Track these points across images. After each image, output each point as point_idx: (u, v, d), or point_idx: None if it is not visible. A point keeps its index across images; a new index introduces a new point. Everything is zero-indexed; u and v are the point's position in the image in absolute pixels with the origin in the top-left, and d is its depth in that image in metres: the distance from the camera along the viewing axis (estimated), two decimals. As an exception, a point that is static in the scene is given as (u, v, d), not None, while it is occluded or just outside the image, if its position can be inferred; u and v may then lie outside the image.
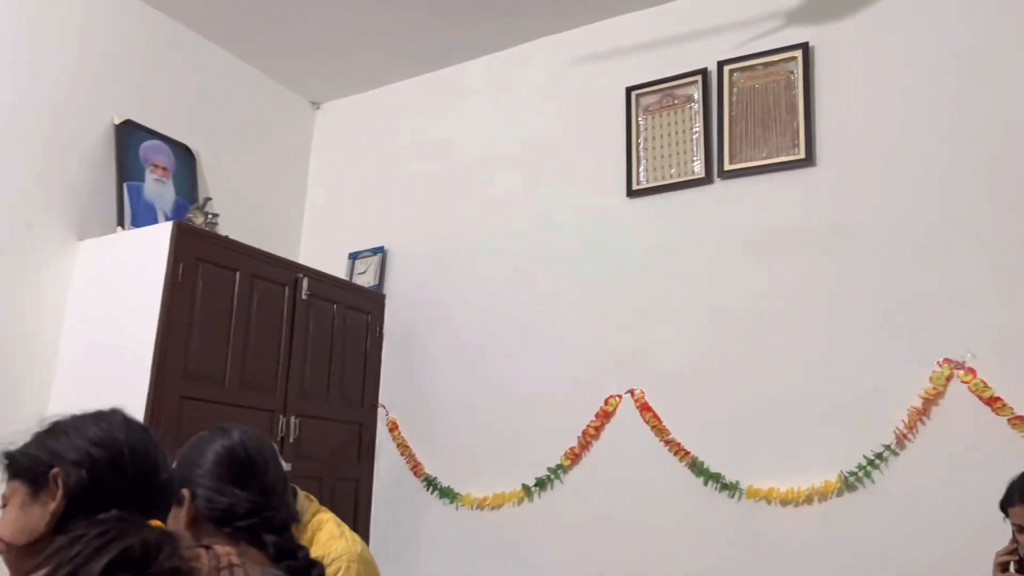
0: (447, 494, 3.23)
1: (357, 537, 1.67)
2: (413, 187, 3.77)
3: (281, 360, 3.09)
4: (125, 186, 3.10)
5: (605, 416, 3.00)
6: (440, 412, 3.38)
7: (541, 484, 3.05)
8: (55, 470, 1.03)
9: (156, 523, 0.95)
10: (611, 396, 3.00)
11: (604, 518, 2.92)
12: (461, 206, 3.59)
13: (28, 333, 2.85)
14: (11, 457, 1.09)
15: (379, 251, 3.73)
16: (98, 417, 1.11)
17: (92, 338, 2.88)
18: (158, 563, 0.90)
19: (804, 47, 2.94)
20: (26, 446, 1.10)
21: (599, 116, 3.34)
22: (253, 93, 3.86)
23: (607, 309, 3.10)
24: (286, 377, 3.10)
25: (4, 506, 1.06)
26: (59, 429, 1.10)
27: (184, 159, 3.40)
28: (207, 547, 1.05)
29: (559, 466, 3.03)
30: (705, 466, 2.78)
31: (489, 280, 3.41)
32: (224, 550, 1.05)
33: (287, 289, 3.16)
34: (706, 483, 2.77)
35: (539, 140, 3.48)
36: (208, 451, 1.38)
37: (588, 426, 3.01)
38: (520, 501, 3.08)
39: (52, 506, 1.00)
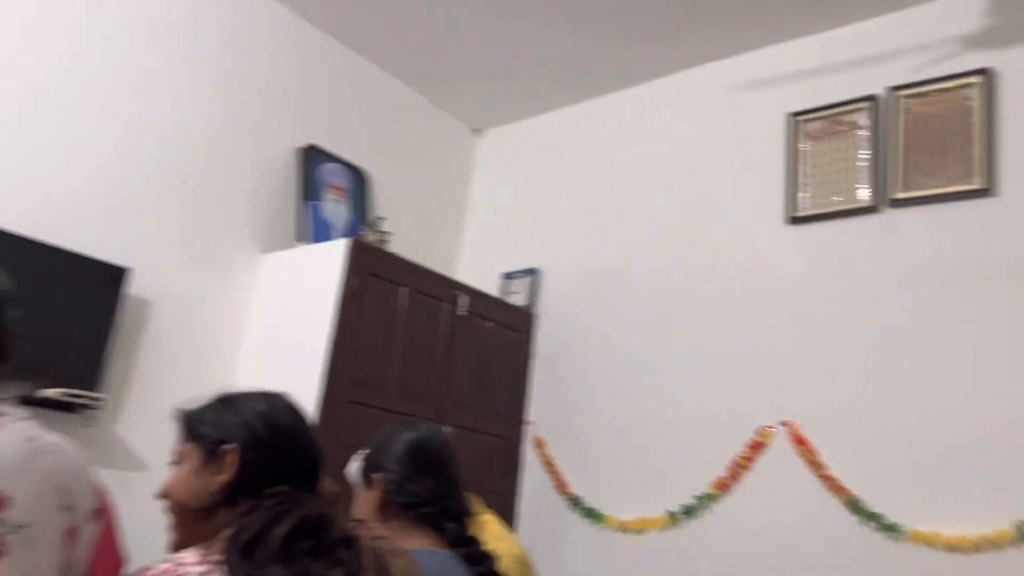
0: (591, 515, 3.26)
1: (517, 540, 1.74)
2: (569, 211, 3.86)
3: (438, 372, 3.24)
4: (307, 205, 3.37)
5: (757, 447, 2.94)
6: (587, 432, 3.43)
7: (687, 512, 3.03)
8: (230, 446, 1.10)
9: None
10: (764, 427, 2.94)
11: (751, 552, 2.85)
12: (616, 230, 3.65)
13: (216, 337, 3.15)
14: (190, 421, 1.17)
15: (533, 272, 3.84)
16: (268, 397, 1.20)
17: (271, 343, 3.14)
18: (332, 531, 0.99)
19: (985, 72, 2.80)
20: (203, 413, 1.17)
21: (760, 142, 3.31)
22: (420, 120, 4.10)
23: (763, 336, 3.06)
24: (443, 388, 3.24)
25: (178, 463, 1.14)
26: (234, 403, 1.18)
27: (358, 180, 3.66)
28: (359, 521, 1.15)
29: (707, 495, 3.00)
30: (863, 505, 2.67)
31: (642, 304, 3.44)
32: (371, 525, 1.14)
33: (446, 305, 3.32)
34: (864, 523, 2.66)
35: (696, 166, 3.49)
36: (398, 441, 1.49)
37: (739, 456, 2.96)
38: (665, 527, 3.06)
39: (222, 477, 1.07)
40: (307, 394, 2.85)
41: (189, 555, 0.96)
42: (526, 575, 1.69)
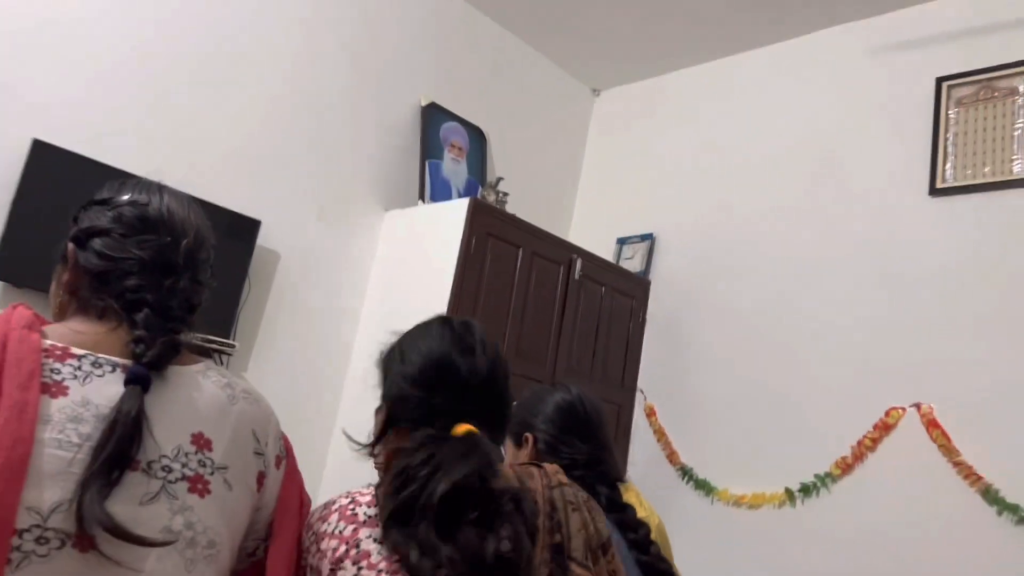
0: (703, 486, 3.21)
1: (654, 510, 1.73)
2: (687, 176, 3.76)
3: (552, 334, 3.23)
4: (427, 163, 3.39)
5: (885, 428, 2.81)
6: (699, 402, 3.36)
7: (806, 490, 2.94)
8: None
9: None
10: (893, 408, 2.81)
11: (873, 536, 2.75)
12: (737, 197, 3.53)
13: (338, 290, 3.22)
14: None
15: (648, 238, 3.77)
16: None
17: (391, 297, 3.20)
18: (496, 487, 0.95)
19: None
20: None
21: (900, 108, 3.12)
22: (539, 79, 4.05)
23: (897, 313, 2.91)
24: (555, 351, 3.23)
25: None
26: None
27: (476, 140, 3.65)
28: (538, 465, 1.11)
29: (828, 474, 2.90)
30: (1000, 495, 2.52)
31: (762, 274, 3.33)
32: (553, 468, 1.11)
33: (562, 268, 3.30)
34: (1000, 513, 2.51)
35: (828, 131, 3.32)
36: (550, 401, 1.48)
37: (864, 436, 2.84)
38: (781, 504, 2.99)
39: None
40: (426, 351, 2.89)
41: (365, 491, 0.99)
42: (665, 545, 1.67)
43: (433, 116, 3.49)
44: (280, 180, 3.06)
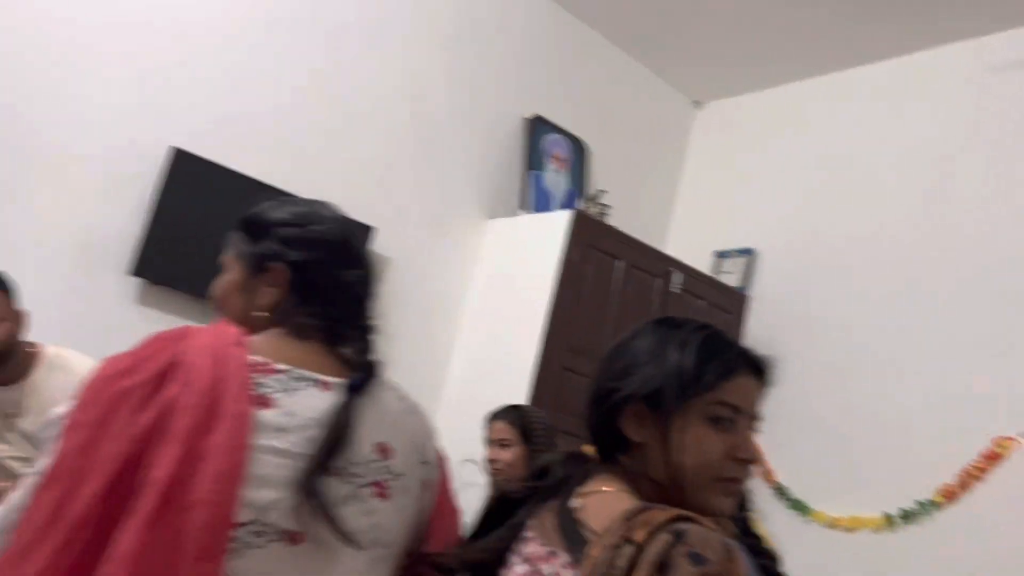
0: (798, 507, 3.17)
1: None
2: (790, 191, 3.72)
3: (648, 347, 3.25)
4: (530, 174, 3.47)
5: (993, 457, 2.73)
6: (797, 422, 3.32)
7: (906, 516, 2.87)
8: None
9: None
10: (1002, 438, 2.72)
11: (976, 569, 2.67)
12: (843, 213, 3.47)
13: (441, 296, 3.34)
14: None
15: (747, 252, 3.74)
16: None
17: (492, 305, 3.29)
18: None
19: None
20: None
21: (1018, 128, 3.02)
22: (640, 91, 4.08)
23: (1007, 339, 2.81)
24: (652, 364, 3.25)
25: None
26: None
27: (577, 151, 3.72)
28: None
29: (931, 502, 2.83)
30: (1120, 536, 2.42)
31: (867, 292, 3.27)
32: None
33: (659, 281, 3.32)
34: (1119, 556, 2.41)
35: (941, 151, 3.23)
36: None
37: (970, 465, 2.76)
38: (879, 529, 2.93)
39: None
40: (525, 357, 2.98)
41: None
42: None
43: (537, 128, 3.57)
44: (392, 188, 3.20)
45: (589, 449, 1.05)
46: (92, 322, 2.55)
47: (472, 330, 3.31)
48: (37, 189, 2.51)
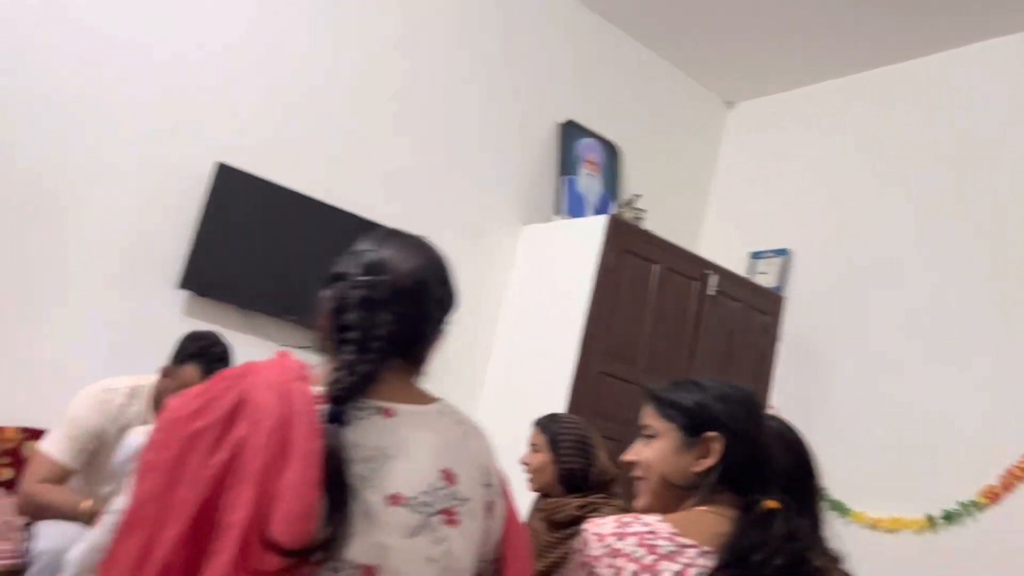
0: (837, 507, 3.17)
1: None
2: (825, 191, 3.70)
3: (685, 350, 3.28)
4: (564, 179, 3.50)
5: (1038, 459, 2.71)
6: (834, 422, 3.32)
7: (948, 517, 2.86)
8: (711, 433, 1.11)
9: (772, 504, 1.05)
10: (1047, 438, 2.71)
11: (1022, 571, 2.66)
12: (879, 213, 3.46)
13: (478, 302, 3.37)
14: (665, 401, 1.18)
15: (783, 253, 3.74)
16: (739, 390, 1.18)
17: (528, 311, 3.32)
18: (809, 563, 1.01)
19: None
20: (680, 395, 1.17)
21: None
22: (672, 91, 4.08)
23: (1053, 342, 2.79)
24: (689, 366, 3.27)
25: (649, 436, 1.17)
26: (708, 390, 1.16)
27: (610, 155, 3.73)
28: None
29: (973, 502, 2.82)
30: None
31: (906, 291, 3.25)
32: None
33: (696, 284, 3.33)
34: None
35: (978, 148, 3.21)
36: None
37: (1014, 466, 2.75)
38: (921, 530, 2.92)
39: (705, 463, 1.10)
40: (562, 363, 3.00)
41: (661, 526, 1.04)
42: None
43: (570, 133, 3.59)
44: (428, 195, 3.25)
45: None
46: (142, 334, 2.62)
47: (509, 336, 3.35)
48: (89, 205, 2.59)
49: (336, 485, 0.87)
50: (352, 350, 0.96)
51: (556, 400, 2.90)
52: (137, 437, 1.30)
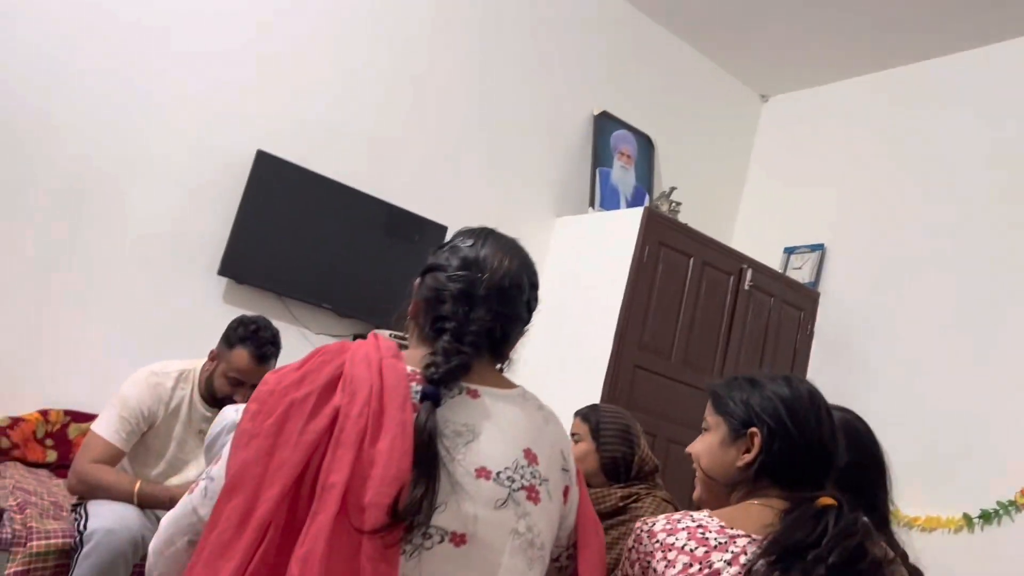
0: (871, 504, 3.14)
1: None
2: (860, 186, 3.67)
3: (720, 344, 3.26)
4: (598, 171, 3.49)
5: (1080, 459, 2.68)
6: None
7: (986, 517, 2.84)
8: (753, 429, 1.14)
9: (827, 500, 1.05)
10: (1090, 438, 2.67)
11: (1062, 570, 2.63)
12: (915, 206, 3.42)
13: (511, 292, 3.37)
14: (720, 396, 1.21)
15: (818, 248, 3.71)
16: (792, 385, 1.19)
17: (563, 303, 3.31)
18: (867, 558, 1.01)
19: None
20: (732, 391, 1.21)
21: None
22: (707, 85, 4.06)
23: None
24: (722, 360, 3.26)
25: (705, 430, 1.22)
26: (761, 387, 1.18)
27: (644, 147, 3.72)
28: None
29: (1011, 502, 2.79)
30: None
31: (941, 287, 3.22)
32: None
33: (731, 278, 3.31)
34: None
35: (1019, 144, 3.16)
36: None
37: (1056, 466, 2.72)
38: (959, 530, 2.90)
39: (747, 458, 1.13)
40: (598, 356, 3.00)
41: (710, 521, 1.06)
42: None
43: (604, 125, 3.58)
44: (462, 186, 3.25)
45: None
46: (182, 319, 2.65)
47: (543, 328, 3.33)
48: (134, 194, 2.61)
49: (427, 455, 0.90)
50: (448, 340, 1.01)
51: (590, 393, 2.90)
52: (232, 412, 1.37)
